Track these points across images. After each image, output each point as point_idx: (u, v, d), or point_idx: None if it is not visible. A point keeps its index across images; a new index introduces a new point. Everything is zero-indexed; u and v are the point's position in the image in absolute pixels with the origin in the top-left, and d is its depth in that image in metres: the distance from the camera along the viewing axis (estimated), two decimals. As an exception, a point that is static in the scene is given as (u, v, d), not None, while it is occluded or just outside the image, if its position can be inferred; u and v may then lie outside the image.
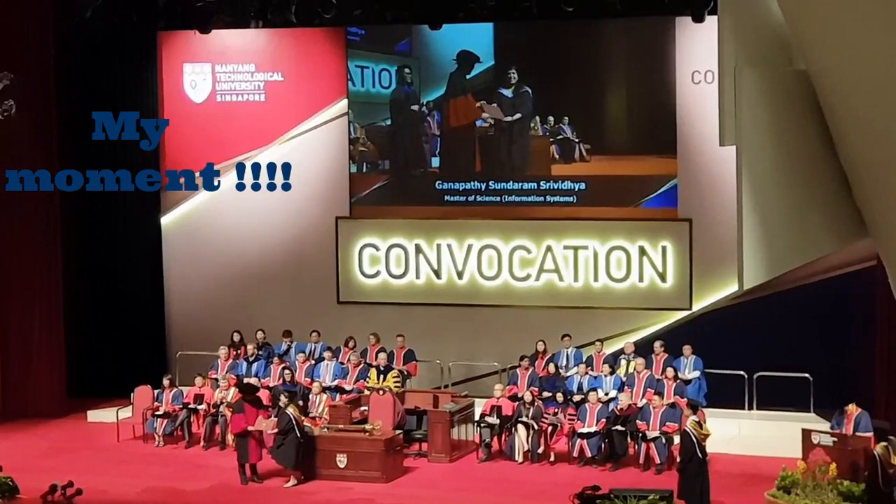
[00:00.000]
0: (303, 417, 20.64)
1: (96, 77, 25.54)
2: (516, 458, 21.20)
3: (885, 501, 17.20)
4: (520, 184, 24.44)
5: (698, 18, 22.68)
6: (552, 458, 21.18)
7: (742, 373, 22.71)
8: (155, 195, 25.80)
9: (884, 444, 17.42)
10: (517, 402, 21.50)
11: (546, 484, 20.05)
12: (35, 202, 24.29)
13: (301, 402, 21.46)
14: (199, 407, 22.58)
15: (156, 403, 22.82)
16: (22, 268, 24.33)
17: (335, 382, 22.91)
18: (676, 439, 20.67)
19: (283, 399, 20.64)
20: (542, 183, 24.29)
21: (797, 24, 13.03)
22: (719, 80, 12.85)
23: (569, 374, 22.57)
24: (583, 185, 24.09)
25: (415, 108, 24.71)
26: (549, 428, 21.33)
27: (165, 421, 22.59)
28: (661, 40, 23.50)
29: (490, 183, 24.58)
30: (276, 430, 20.40)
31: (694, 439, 18.57)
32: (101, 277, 25.86)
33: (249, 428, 20.44)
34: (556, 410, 21.56)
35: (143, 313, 25.79)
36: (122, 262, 25.85)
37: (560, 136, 24.18)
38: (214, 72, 25.56)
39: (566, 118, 24.09)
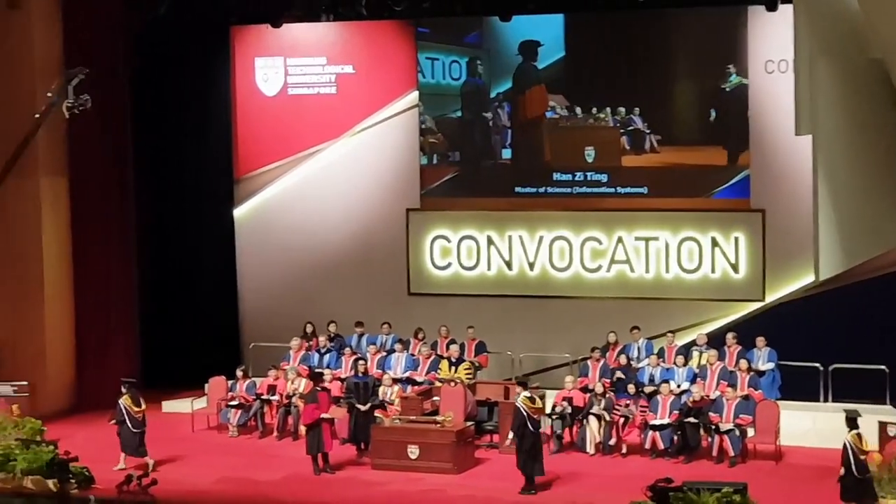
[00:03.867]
0: (136, 408, 20.86)
1: (170, 71, 25.76)
2: (588, 450, 21.18)
3: (860, 487, 17.14)
4: (590, 175, 24.37)
5: (772, 7, 22.56)
6: (624, 450, 21.13)
7: (817, 365, 22.52)
8: (228, 188, 25.99)
9: (855, 432, 17.38)
10: (588, 394, 21.47)
11: (618, 476, 20.01)
12: (110, 194, 24.57)
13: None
14: (272, 398, 22.74)
15: (230, 394, 23.00)
16: (98, 260, 24.59)
17: (406, 374, 22.98)
18: (751, 432, 20.63)
19: (122, 389, 21.12)
20: (612, 174, 24.21)
21: (872, 13, 12.93)
22: (795, 69, 12.79)
23: (640, 365, 22.48)
24: (653, 176, 23.98)
25: (489, 99, 24.66)
26: (621, 420, 21.28)
27: (239, 411, 22.77)
28: (734, 30, 23.33)
29: (560, 174, 24.53)
30: (111, 421, 21.07)
31: (525, 413, 19.34)
32: (175, 269, 26.11)
33: (323, 416, 20.54)
34: (628, 402, 21.49)
35: (217, 305, 26.00)
36: (196, 254, 26.08)
37: (631, 127, 24.09)
38: (286, 65, 25.69)
39: (637, 109, 23.99)
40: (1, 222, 23.76)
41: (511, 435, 19.59)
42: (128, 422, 20.85)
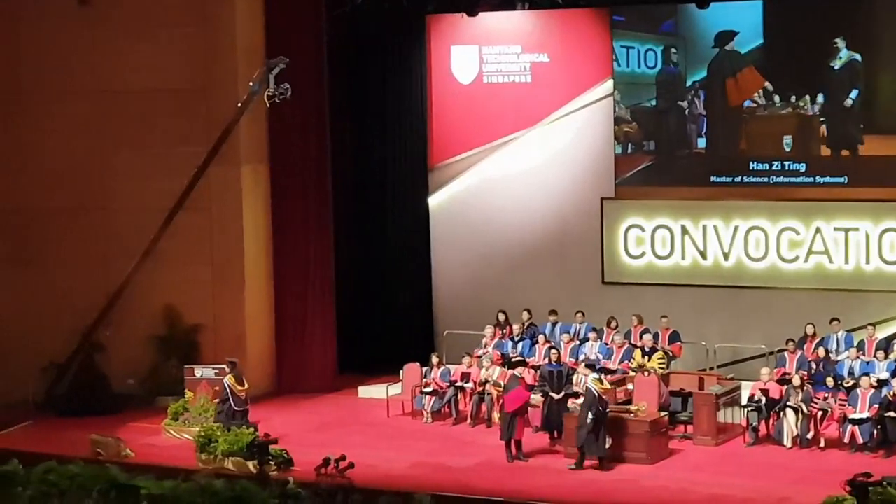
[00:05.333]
0: (239, 387, 21.63)
1: (367, 60, 26.14)
2: (785, 443, 20.88)
3: None
4: (788, 164, 23.99)
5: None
6: (822, 444, 20.78)
7: None
8: (423, 176, 26.24)
9: None
10: (785, 386, 21.16)
11: (816, 470, 19.71)
12: (309, 181, 25.00)
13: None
14: (465, 385, 22.91)
15: (424, 381, 23.23)
16: (296, 247, 25.04)
17: (600, 363, 22.92)
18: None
19: (226, 369, 21.93)
20: (811, 163, 23.78)
21: None
22: None
23: (839, 358, 22.06)
24: (854, 165, 23.49)
25: (685, 88, 24.38)
26: (819, 413, 20.92)
27: (433, 398, 22.99)
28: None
29: (757, 163, 24.20)
30: (216, 400, 21.99)
31: (596, 394, 19.93)
32: (370, 257, 26.46)
33: (532, 399, 20.69)
34: (827, 395, 21.12)
35: (412, 292, 26.25)
36: (392, 241, 26.39)
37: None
38: (481, 54, 25.80)
39: (838, 97, 23.57)
40: (204, 208, 24.37)
41: (589, 415, 19.97)
42: (231, 400, 21.60)
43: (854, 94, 23.26)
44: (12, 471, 19.25)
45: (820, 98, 23.55)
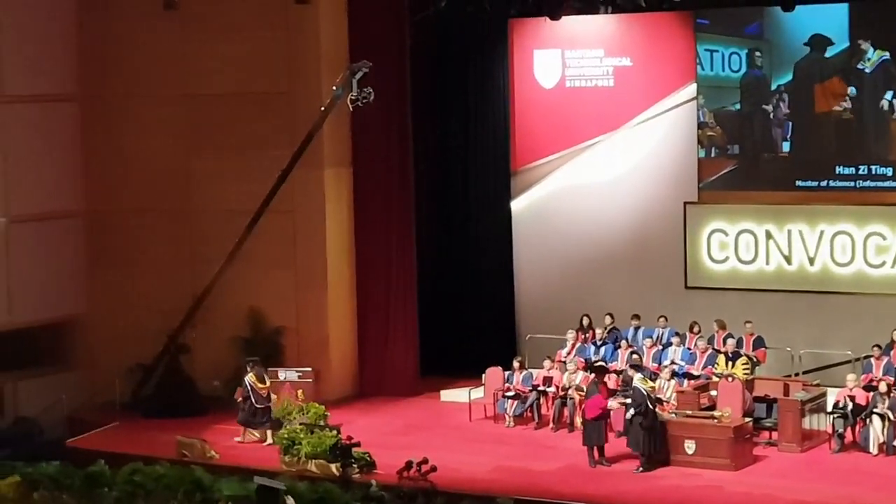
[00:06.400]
0: (260, 385, 22.27)
1: (449, 64, 26.19)
2: (871, 450, 20.66)
3: None
4: (875, 168, 23.73)
5: None
6: (909, 451, 20.59)
7: None
8: (506, 180, 26.22)
9: None
10: (872, 393, 20.94)
11: (902, 477, 19.53)
12: (392, 185, 25.09)
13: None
14: (548, 389, 22.87)
15: (506, 385, 23.22)
16: (379, 250, 25.14)
17: (683, 368, 22.80)
18: None
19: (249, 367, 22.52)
20: (899, 167, 23.59)
21: None
22: None
23: (926, 364, 21.83)
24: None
25: (769, 91, 24.16)
26: (906, 420, 20.72)
27: (515, 402, 22.97)
28: None
29: (843, 168, 23.96)
30: (239, 398, 22.46)
31: (645, 392, 20.24)
32: (453, 261, 26.48)
33: (610, 405, 20.71)
34: (914, 402, 20.90)
35: (494, 296, 26.23)
36: (474, 245, 26.39)
37: (919, 119, 23.41)
38: (564, 58, 25.74)
39: (925, 100, 23.31)
40: (287, 211, 24.53)
41: (632, 411, 20.21)
42: (252, 397, 22.06)
43: (889, 94, 23.10)
44: (99, 471, 19.57)
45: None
